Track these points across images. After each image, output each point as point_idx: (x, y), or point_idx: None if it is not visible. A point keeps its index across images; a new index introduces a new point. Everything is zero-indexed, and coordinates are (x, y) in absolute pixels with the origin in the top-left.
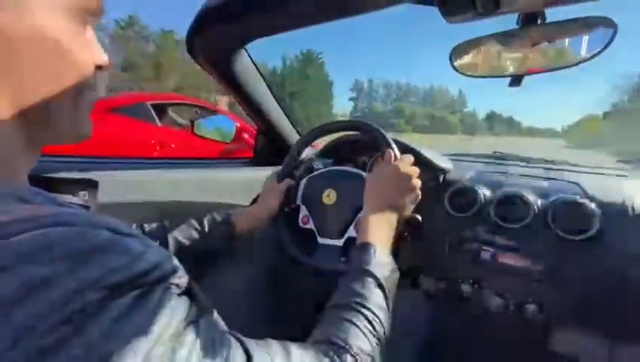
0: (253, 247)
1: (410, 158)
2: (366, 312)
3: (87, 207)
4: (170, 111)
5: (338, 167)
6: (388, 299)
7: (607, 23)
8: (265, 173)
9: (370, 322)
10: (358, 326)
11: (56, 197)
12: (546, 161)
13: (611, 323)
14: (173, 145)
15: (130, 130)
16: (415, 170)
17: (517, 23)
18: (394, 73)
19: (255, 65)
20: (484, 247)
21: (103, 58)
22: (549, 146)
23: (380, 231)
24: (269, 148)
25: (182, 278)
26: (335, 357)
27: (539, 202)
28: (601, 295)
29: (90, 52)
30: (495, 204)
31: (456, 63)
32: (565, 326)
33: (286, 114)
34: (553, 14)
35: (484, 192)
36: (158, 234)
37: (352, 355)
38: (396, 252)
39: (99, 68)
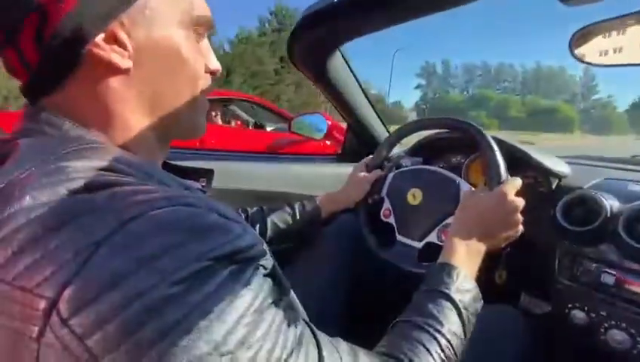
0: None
1: (518, 183)
2: (439, 337)
3: (204, 191)
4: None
5: (429, 167)
6: (466, 328)
7: None
8: (351, 169)
9: (442, 349)
10: (429, 351)
11: (184, 182)
12: None
13: None
14: (213, 142)
15: None
16: (521, 201)
17: None
18: (480, 53)
19: (348, 64)
20: (607, 269)
21: (216, 65)
22: None
23: (467, 257)
24: (358, 145)
25: (269, 261)
26: None
27: None
28: None
29: (204, 60)
30: (625, 219)
31: (578, 51)
32: None
33: (376, 112)
34: None
35: (612, 203)
36: (258, 217)
37: None
38: (491, 264)
39: (212, 74)
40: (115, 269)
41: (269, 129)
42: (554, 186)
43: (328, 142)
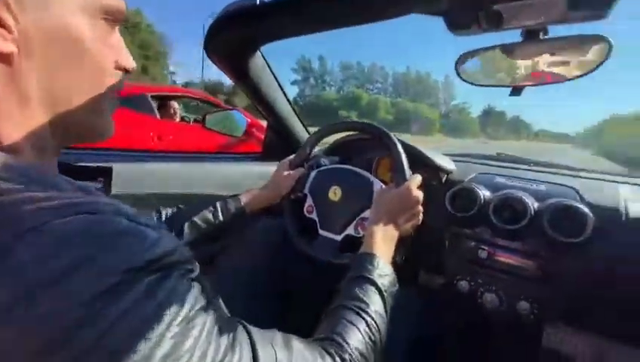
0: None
1: (419, 179)
2: (366, 317)
3: (104, 192)
4: (172, 104)
5: (347, 166)
6: (387, 307)
7: (602, 40)
8: (274, 168)
9: (369, 327)
10: (358, 328)
11: (82, 185)
12: (548, 165)
13: (602, 323)
14: (171, 137)
15: (130, 122)
16: (421, 195)
17: (521, 35)
18: (356, 51)
19: (269, 65)
20: (482, 246)
21: (129, 62)
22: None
23: (383, 246)
24: (279, 144)
25: (193, 265)
26: (334, 353)
27: (536, 205)
28: (592, 295)
29: (114, 54)
30: (494, 206)
31: (461, 71)
32: (558, 324)
33: (296, 112)
34: (555, 29)
35: (485, 193)
36: (176, 219)
37: (349, 354)
38: (396, 250)
39: (125, 71)
40: (14, 294)
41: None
42: (443, 180)
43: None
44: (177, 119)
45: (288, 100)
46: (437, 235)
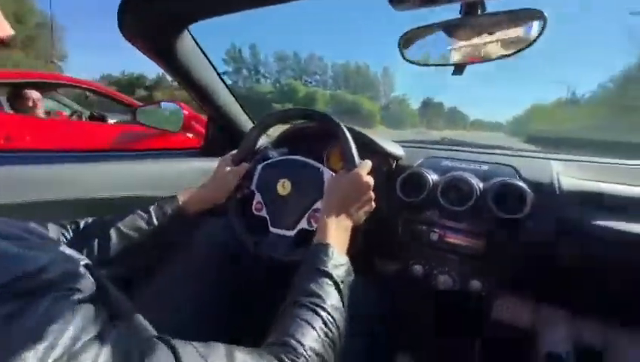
0: (203, 236)
1: (369, 165)
2: (322, 313)
3: None
4: (30, 94)
5: (295, 157)
6: (344, 300)
7: (538, 15)
8: (215, 163)
9: (325, 323)
10: (313, 327)
11: None
12: (486, 147)
13: (544, 292)
14: (28, 138)
15: None
16: (372, 181)
17: (459, 13)
18: (292, 41)
19: (200, 47)
20: (433, 229)
21: (6, 30)
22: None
23: (337, 234)
24: (221, 137)
25: (84, 282)
26: (286, 359)
27: (480, 185)
28: (534, 267)
29: None
30: (442, 188)
31: (405, 51)
32: (505, 296)
33: (238, 101)
34: (494, 6)
35: (433, 177)
36: (96, 229)
37: (305, 356)
38: (351, 236)
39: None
40: None
41: (111, 121)
42: (393, 166)
43: (190, 135)
44: (40, 113)
45: (228, 88)
46: (390, 221)
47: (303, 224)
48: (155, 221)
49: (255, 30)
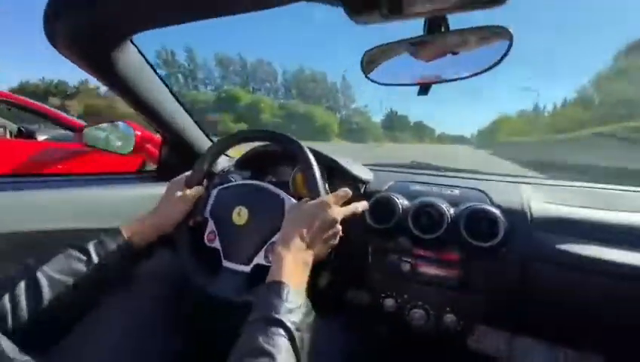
0: (150, 272)
1: (343, 195)
2: None
3: None
4: None
5: (254, 182)
6: (299, 352)
7: (504, 34)
8: None
9: None
10: None
11: None
12: (457, 170)
13: (520, 321)
14: None
15: None
16: (340, 213)
17: (423, 31)
18: (235, 44)
19: (148, 61)
20: (405, 258)
21: None
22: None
23: (294, 270)
24: (177, 159)
25: None
26: None
27: (451, 211)
28: (509, 296)
29: None
30: (413, 214)
31: (368, 70)
32: (481, 327)
33: (193, 119)
34: (457, 24)
35: (403, 203)
36: (20, 273)
37: None
38: (317, 268)
39: None
40: None
41: (40, 138)
42: (362, 191)
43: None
44: None
45: (182, 105)
46: (359, 250)
47: (259, 259)
48: (95, 259)
49: (191, 30)
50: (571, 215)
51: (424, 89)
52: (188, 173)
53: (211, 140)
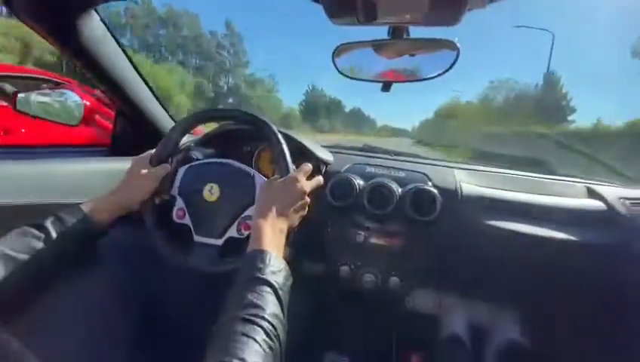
0: (115, 250)
1: (309, 168)
2: (263, 324)
3: None
4: None
5: (225, 160)
6: (284, 307)
7: (451, 46)
8: (128, 164)
9: (267, 334)
10: (255, 340)
11: None
12: (403, 154)
13: (447, 283)
14: None
15: None
16: (308, 186)
17: (388, 34)
18: None
19: (111, 32)
20: (359, 231)
21: None
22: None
23: (273, 239)
24: (134, 134)
25: None
26: None
27: (399, 190)
28: (443, 261)
29: None
30: (367, 193)
31: (338, 63)
32: (420, 289)
33: (155, 95)
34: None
35: (359, 183)
36: None
37: None
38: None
39: None
40: None
41: None
42: (324, 171)
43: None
44: None
45: (144, 79)
46: (319, 225)
47: (232, 232)
48: (53, 236)
49: None
50: (494, 195)
51: (387, 86)
52: (152, 151)
53: (171, 117)
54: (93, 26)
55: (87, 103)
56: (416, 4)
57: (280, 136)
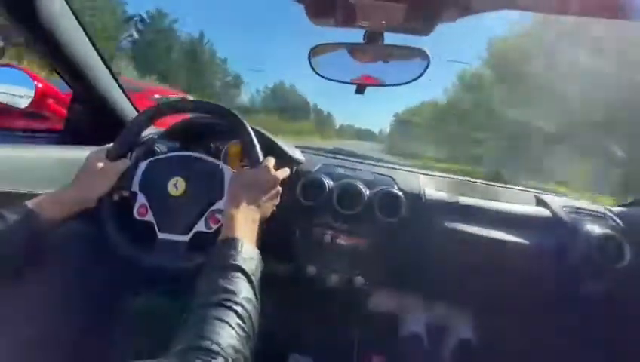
0: (65, 248)
1: (273, 161)
2: (237, 308)
3: None
4: None
5: (191, 153)
6: (255, 291)
7: (422, 54)
8: (81, 153)
9: (241, 318)
10: (229, 324)
11: None
12: (369, 158)
13: (409, 283)
14: None
15: None
16: (279, 174)
17: (363, 39)
18: None
19: (72, 10)
20: (327, 231)
21: None
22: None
23: (245, 228)
24: (90, 121)
25: None
26: None
27: (367, 192)
28: (405, 262)
29: None
30: (337, 194)
31: (314, 62)
32: (383, 289)
33: (117, 81)
34: (392, 40)
35: (329, 183)
36: None
37: (223, 357)
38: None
39: None
40: None
41: None
42: (294, 170)
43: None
44: None
45: (106, 64)
46: (288, 224)
47: (199, 226)
48: None
49: None
50: (455, 200)
51: (361, 89)
52: (110, 145)
53: (133, 105)
54: (54, 2)
55: (39, 85)
56: (392, 11)
57: (248, 126)
